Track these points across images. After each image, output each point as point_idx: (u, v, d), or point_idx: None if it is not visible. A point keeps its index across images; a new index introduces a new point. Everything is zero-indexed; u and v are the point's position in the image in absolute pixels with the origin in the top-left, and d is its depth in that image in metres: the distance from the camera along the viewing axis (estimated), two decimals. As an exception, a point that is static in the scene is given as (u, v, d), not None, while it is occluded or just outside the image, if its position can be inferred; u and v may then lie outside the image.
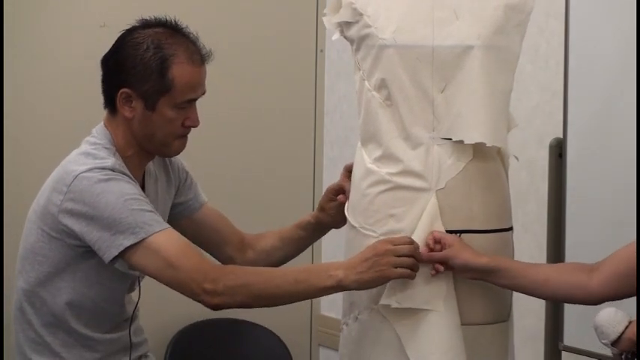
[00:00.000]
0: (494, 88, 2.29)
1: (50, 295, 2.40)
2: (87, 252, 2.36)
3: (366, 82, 2.34)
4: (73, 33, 3.65)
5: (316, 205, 2.58)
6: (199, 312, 4.00)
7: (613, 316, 2.16)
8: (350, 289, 2.29)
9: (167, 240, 2.31)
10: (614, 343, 2.15)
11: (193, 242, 2.70)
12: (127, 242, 2.28)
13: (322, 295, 2.33)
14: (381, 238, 2.30)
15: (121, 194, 2.31)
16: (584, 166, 2.90)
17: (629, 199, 2.68)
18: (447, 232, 2.29)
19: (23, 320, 2.45)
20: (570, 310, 2.88)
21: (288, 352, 4.01)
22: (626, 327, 2.14)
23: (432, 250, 2.27)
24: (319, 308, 4.25)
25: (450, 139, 2.28)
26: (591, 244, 2.87)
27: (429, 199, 2.29)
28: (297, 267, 2.38)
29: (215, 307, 2.31)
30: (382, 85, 2.31)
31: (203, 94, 2.44)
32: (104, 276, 2.40)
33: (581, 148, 2.91)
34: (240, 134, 4.04)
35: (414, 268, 2.25)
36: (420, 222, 2.28)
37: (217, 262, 2.58)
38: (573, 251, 2.91)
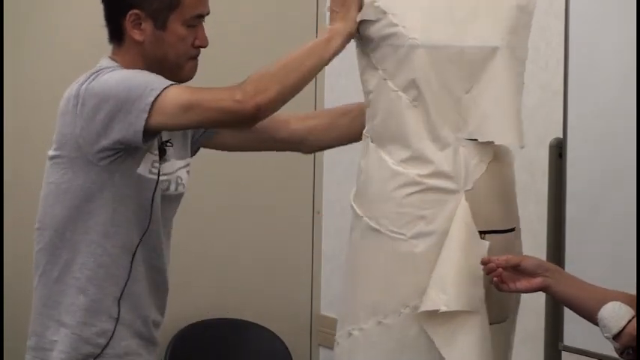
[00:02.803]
0: (516, 88, 2.31)
1: (83, 220, 2.41)
2: (109, 165, 2.37)
3: (389, 82, 2.30)
4: (73, 33, 3.65)
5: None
6: (199, 312, 4.03)
7: (617, 311, 2.15)
8: (354, 31, 2.32)
9: (182, 87, 2.35)
10: (616, 338, 2.15)
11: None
12: (151, 98, 2.30)
13: (334, 55, 2.34)
14: (412, 241, 2.28)
15: (126, 72, 2.38)
16: (584, 166, 2.90)
17: (629, 199, 2.68)
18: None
19: (51, 260, 2.43)
20: (570, 310, 2.88)
21: (288, 352, 4.02)
22: (629, 322, 2.14)
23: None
24: (319, 308, 4.25)
25: (474, 139, 2.28)
26: (591, 244, 2.87)
27: (458, 200, 2.27)
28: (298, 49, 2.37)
29: (257, 110, 2.31)
30: (411, 86, 2.27)
31: (208, 13, 2.48)
32: (131, 183, 2.41)
33: (581, 148, 2.91)
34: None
35: None
36: (453, 224, 2.26)
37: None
38: (573, 251, 2.91)
